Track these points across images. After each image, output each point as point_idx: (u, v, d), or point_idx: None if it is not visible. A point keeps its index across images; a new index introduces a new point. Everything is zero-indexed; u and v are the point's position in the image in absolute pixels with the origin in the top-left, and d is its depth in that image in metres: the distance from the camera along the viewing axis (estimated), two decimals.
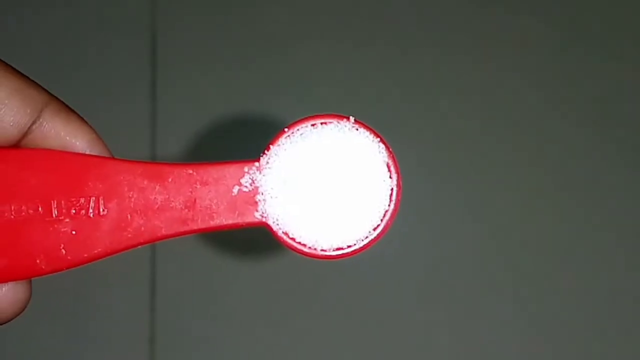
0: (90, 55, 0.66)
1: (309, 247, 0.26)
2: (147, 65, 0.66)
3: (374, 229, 0.26)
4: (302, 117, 0.26)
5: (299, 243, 0.26)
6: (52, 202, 0.25)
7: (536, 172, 0.66)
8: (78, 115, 0.26)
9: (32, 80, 0.25)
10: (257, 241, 0.63)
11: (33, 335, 0.62)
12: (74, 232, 0.25)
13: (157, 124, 0.65)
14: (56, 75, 0.64)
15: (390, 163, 0.25)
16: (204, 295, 0.64)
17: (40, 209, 0.25)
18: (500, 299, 0.64)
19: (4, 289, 0.25)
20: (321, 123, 0.25)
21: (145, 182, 0.25)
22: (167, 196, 0.25)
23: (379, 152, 0.25)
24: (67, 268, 0.25)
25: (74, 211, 0.25)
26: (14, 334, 0.62)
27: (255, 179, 0.25)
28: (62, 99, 0.26)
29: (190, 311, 0.64)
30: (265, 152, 0.25)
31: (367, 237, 0.26)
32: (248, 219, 0.25)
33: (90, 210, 0.25)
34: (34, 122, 0.25)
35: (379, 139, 0.25)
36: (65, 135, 0.25)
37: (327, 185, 0.25)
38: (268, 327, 0.64)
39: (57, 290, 0.62)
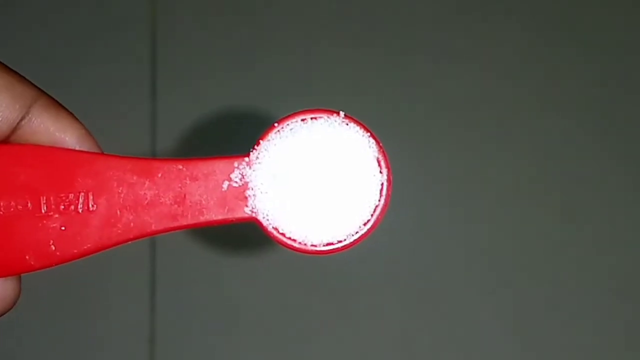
0: (91, 55, 0.66)
1: (299, 243, 0.25)
2: (147, 65, 0.66)
3: (364, 224, 0.25)
4: (292, 112, 0.25)
5: (289, 238, 0.25)
6: (41, 197, 0.25)
7: (529, 169, 0.66)
8: (68, 111, 0.25)
9: (22, 76, 0.25)
10: (260, 239, 0.63)
11: (33, 335, 0.62)
12: (63, 228, 0.25)
13: (157, 124, 0.65)
14: (56, 75, 0.65)
15: (381, 158, 0.25)
16: (204, 295, 0.64)
17: (29, 204, 0.25)
18: (493, 296, 0.64)
19: None
20: (311, 118, 0.25)
21: (135, 178, 0.25)
22: (156, 192, 0.25)
23: (369, 147, 0.25)
24: (56, 264, 0.25)
25: (63, 207, 0.25)
26: (14, 334, 0.62)
27: (245, 174, 0.25)
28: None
29: (190, 311, 0.64)
30: (255, 147, 0.25)
31: (357, 232, 0.25)
32: (238, 214, 0.25)
33: (80, 206, 0.25)
34: (23, 118, 0.25)
35: (369, 134, 0.25)
36: (54, 130, 0.25)
37: (317, 180, 0.25)
38: (267, 326, 0.63)
39: (58, 290, 0.62)
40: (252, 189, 0.25)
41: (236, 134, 0.64)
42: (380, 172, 0.25)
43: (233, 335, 0.63)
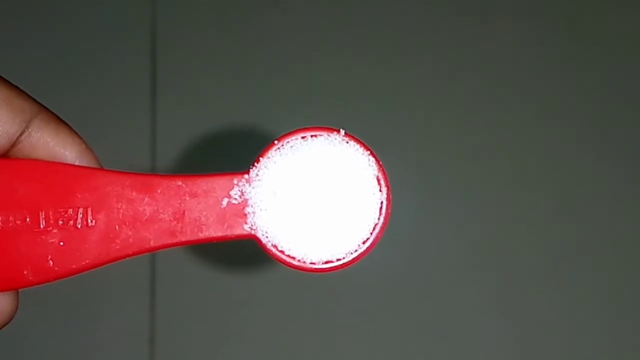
0: (89, 64, 0.66)
1: (298, 260, 0.25)
2: (147, 73, 0.66)
3: (364, 243, 0.25)
4: (293, 130, 0.25)
5: (288, 256, 0.25)
6: (40, 212, 0.25)
7: (532, 185, 0.65)
8: (68, 126, 0.25)
9: (22, 90, 0.25)
10: (260, 256, 0.63)
11: (33, 336, 0.62)
12: (61, 243, 0.25)
13: (156, 139, 0.65)
14: (54, 82, 0.64)
15: (380, 176, 0.25)
16: (204, 296, 0.64)
17: (28, 219, 0.24)
18: (493, 309, 0.64)
19: None
20: (311, 136, 0.25)
21: (134, 194, 0.25)
22: (155, 208, 0.25)
23: (369, 165, 0.25)
24: (54, 279, 0.25)
25: (62, 222, 0.25)
26: (14, 334, 0.63)
27: (245, 191, 0.25)
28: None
29: (190, 311, 0.64)
30: (255, 164, 0.25)
31: (356, 250, 0.25)
32: (237, 231, 0.25)
33: (79, 221, 0.25)
34: (22, 132, 0.25)
35: (369, 152, 0.25)
36: (54, 145, 0.25)
37: (316, 198, 0.25)
38: (266, 328, 0.64)
39: (58, 290, 0.62)
40: (251, 206, 0.25)
41: (236, 151, 0.64)
42: (380, 190, 0.25)
43: (232, 335, 0.63)
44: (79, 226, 0.25)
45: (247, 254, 0.65)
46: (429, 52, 0.67)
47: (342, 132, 0.25)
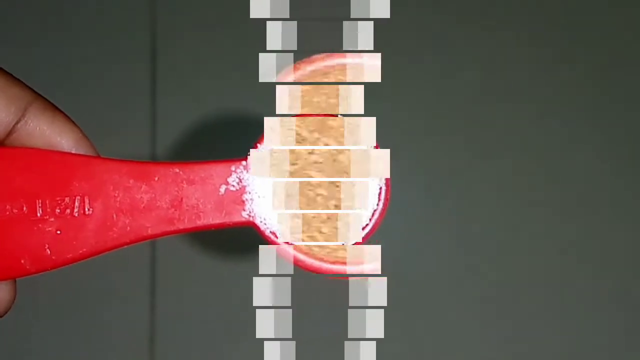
0: (90, 57, 0.66)
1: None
2: (147, 66, 0.66)
3: (362, 229, 0.25)
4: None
5: (286, 243, 0.25)
6: (37, 201, 0.24)
7: (531, 176, 0.65)
8: (63, 114, 0.25)
9: (17, 79, 0.25)
10: (259, 242, 0.62)
11: (33, 335, 0.62)
12: (58, 232, 0.24)
13: (156, 127, 0.65)
14: (56, 76, 0.64)
15: None
16: (204, 295, 0.64)
17: (24, 208, 0.24)
18: (487, 302, 0.64)
19: None
20: None
21: (131, 181, 0.25)
22: (153, 195, 0.25)
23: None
24: (51, 268, 0.25)
25: (58, 211, 0.24)
26: (14, 334, 0.62)
27: (243, 178, 0.25)
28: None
29: (190, 311, 0.64)
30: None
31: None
32: (235, 218, 0.25)
33: (76, 210, 0.25)
34: (18, 121, 0.24)
35: None
36: (50, 134, 0.25)
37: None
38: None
39: (57, 290, 0.62)
40: (249, 192, 0.25)
41: (234, 138, 0.64)
42: None
43: (233, 335, 0.63)
44: (76, 214, 0.25)
45: (249, 250, 0.64)
46: (428, 52, 0.67)
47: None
